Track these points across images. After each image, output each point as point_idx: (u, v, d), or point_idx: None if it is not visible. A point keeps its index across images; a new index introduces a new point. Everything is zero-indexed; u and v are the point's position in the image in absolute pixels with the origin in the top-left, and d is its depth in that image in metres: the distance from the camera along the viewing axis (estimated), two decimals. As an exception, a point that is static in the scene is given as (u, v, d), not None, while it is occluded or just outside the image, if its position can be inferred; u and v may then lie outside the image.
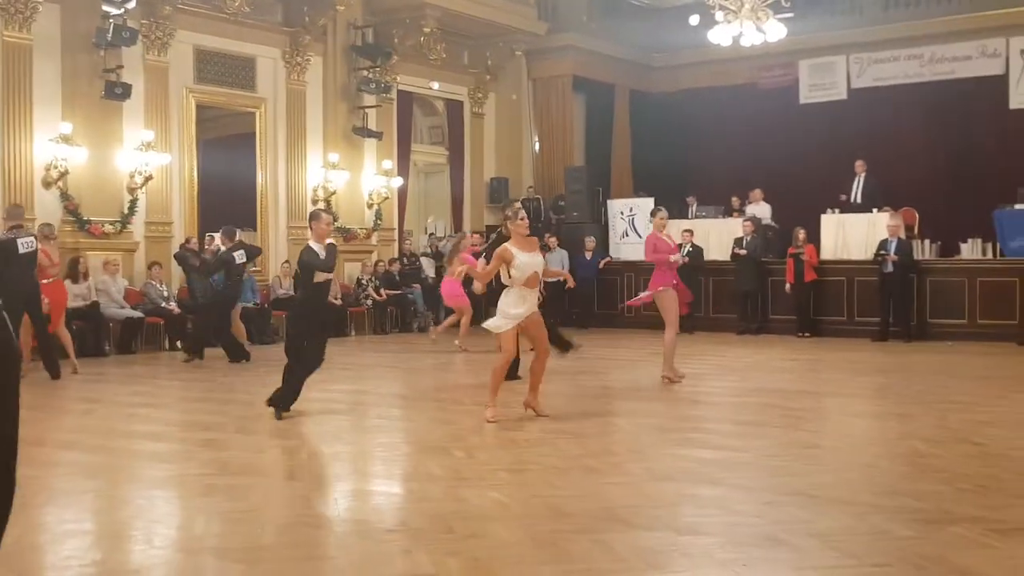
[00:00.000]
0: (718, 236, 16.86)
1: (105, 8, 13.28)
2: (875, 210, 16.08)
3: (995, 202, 15.55)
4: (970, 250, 15.63)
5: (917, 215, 16.87)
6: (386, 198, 17.68)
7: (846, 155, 17.36)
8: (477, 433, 7.15)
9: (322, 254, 7.92)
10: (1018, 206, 15.11)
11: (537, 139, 20.89)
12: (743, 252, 15.85)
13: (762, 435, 7.05)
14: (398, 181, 18.03)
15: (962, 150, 18.44)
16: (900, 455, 6.25)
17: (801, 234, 15.51)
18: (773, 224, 17.54)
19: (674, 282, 9.90)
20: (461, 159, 19.74)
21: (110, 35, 13.31)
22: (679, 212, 18.45)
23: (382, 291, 16.79)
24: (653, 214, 10.35)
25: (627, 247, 18.12)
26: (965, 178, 18.14)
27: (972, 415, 7.86)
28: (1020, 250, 14.40)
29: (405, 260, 18.09)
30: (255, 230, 16.01)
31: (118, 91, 13.54)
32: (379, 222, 17.60)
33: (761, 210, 17.51)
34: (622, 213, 18.40)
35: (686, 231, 16.38)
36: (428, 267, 18.15)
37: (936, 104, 18.56)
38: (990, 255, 15.38)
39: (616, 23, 21.24)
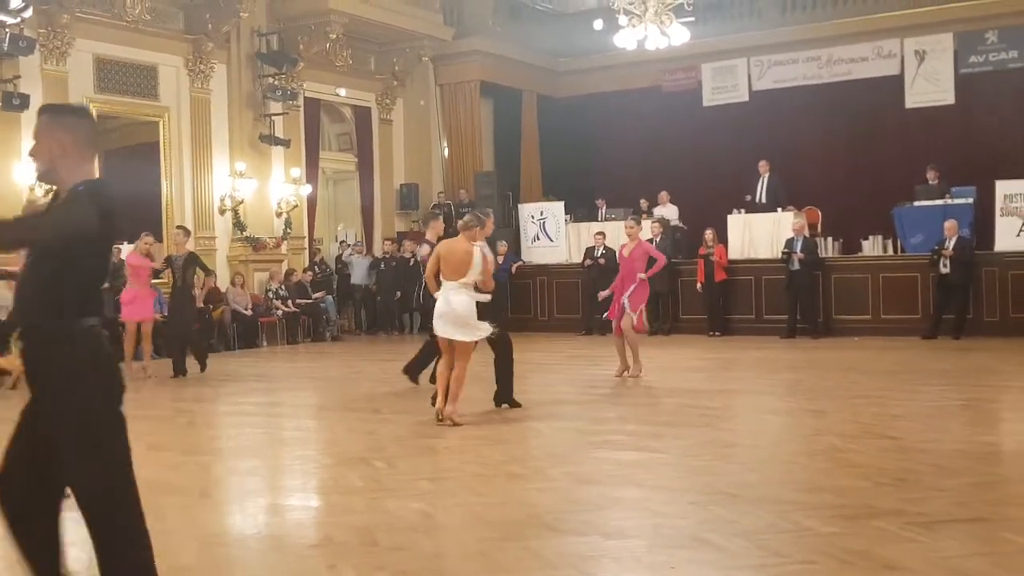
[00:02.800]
0: (624, 239, 16.97)
1: (0, 18, 12.75)
2: (779, 209, 16.42)
3: (894, 200, 16.02)
4: (871, 247, 16.04)
5: (820, 213, 17.27)
6: (295, 206, 17.39)
7: (750, 156, 17.71)
8: (396, 442, 7.05)
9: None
10: (916, 203, 15.60)
11: (446, 145, 20.81)
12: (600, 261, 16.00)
13: (681, 435, 7.11)
14: (307, 189, 17.76)
15: (861, 149, 18.96)
16: (818, 451, 6.35)
17: (710, 235, 15.75)
18: (681, 225, 17.78)
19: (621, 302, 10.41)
20: (370, 166, 19.55)
21: (6, 45, 12.84)
22: (590, 215, 18.59)
23: (291, 302, 16.49)
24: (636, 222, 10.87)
25: (539, 250, 18.17)
26: (865, 176, 18.66)
27: (884, 409, 8.06)
28: (920, 246, 14.87)
29: (316, 268, 17.83)
30: (161, 240, 15.55)
31: (15, 102, 13.04)
32: (288, 231, 17.30)
33: (669, 212, 17.74)
34: (533, 217, 18.43)
35: (598, 234, 16.50)
36: (360, 272, 17.97)
37: (835, 104, 19.05)
38: (891, 251, 15.83)
39: (522, 28, 21.31)
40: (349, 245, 18.80)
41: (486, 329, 7.72)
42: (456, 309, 7.62)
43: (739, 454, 6.41)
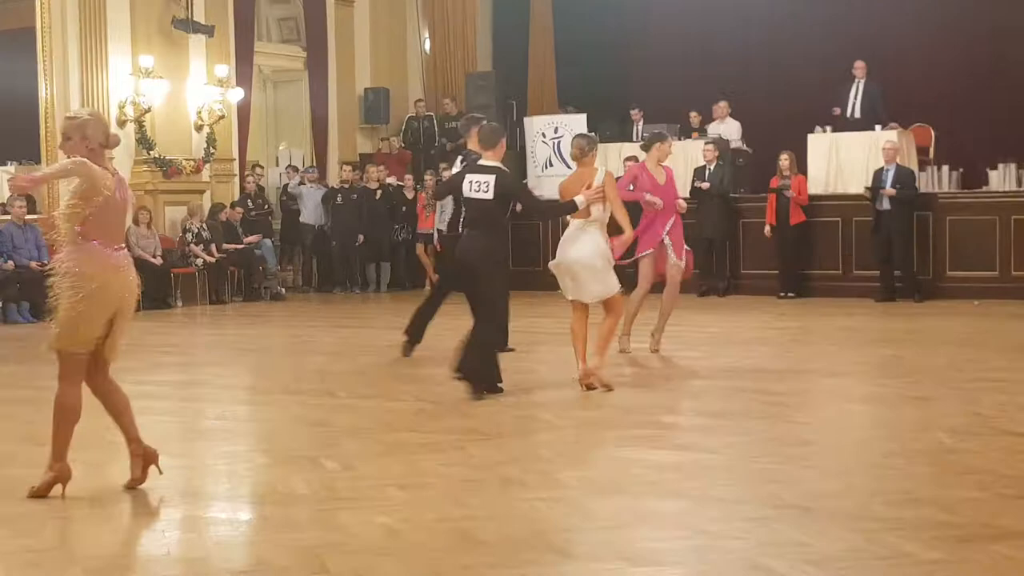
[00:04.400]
0: (673, 164, 16.89)
1: None
2: (879, 127, 16.36)
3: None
4: (1001, 179, 15.98)
5: (933, 133, 17.22)
6: (221, 117, 17.33)
7: (840, 53, 17.55)
8: (356, 436, 7.09)
9: None
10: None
11: (428, 36, 20.67)
12: (706, 186, 15.98)
13: (737, 430, 7.13)
14: (237, 94, 17.68)
15: (993, 45, 18.73)
16: (920, 452, 6.37)
17: (785, 161, 15.71)
18: (745, 148, 17.69)
19: (662, 240, 10.27)
20: (324, 63, 19.46)
21: None
22: (620, 132, 18.50)
23: (215, 247, 16.49)
24: (649, 143, 10.67)
25: (552, 181, 18.08)
26: (997, 82, 18.47)
27: (1011, 397, 8.07)
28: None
29: (250, 203, 17.81)
30: (37, 162, 15.53)
31: None
32: (212, 151, 17.25)
33: (728, 129, 17.67)
34: (544, 134, 18.36)
35: (630, 159, 16.43)
36: (311, 208, 17.89)
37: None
38: (1027, 186, 15.80)
39: None
40: (296, 171, 18.78)
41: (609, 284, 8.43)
42: (582, 259, 8.32)
43: (815, 455, 6.45)
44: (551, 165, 18.27)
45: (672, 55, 20.64)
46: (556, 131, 18.32)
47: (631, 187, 10.46)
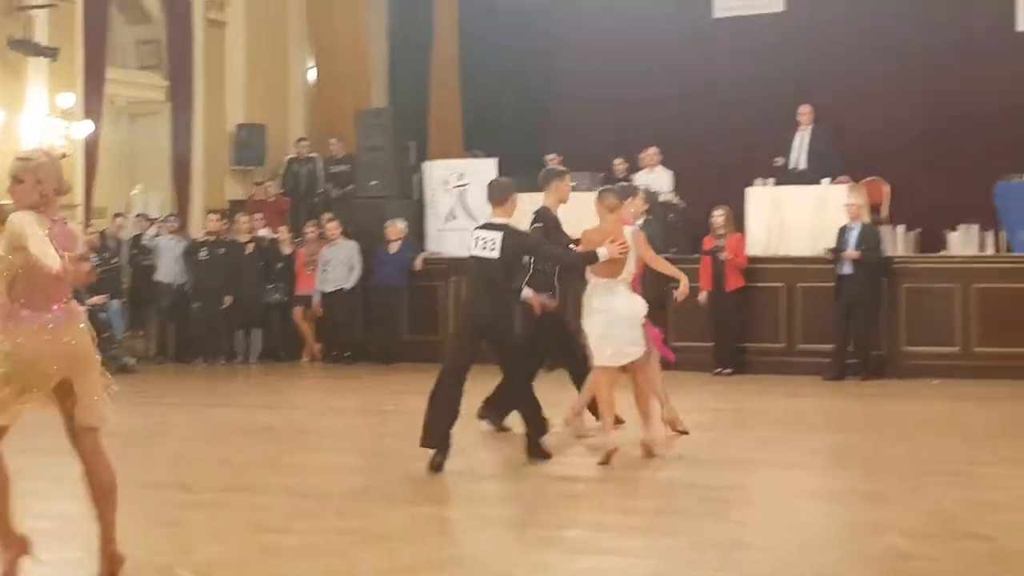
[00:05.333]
0: (595, 218, 16.98)
1: None
2: (826, 180, 16.58)
3: (998, 171, 16.29)
4: (962, 242, 16.25)
5: (887, 189, 17.49)
6: (65, 155, 17.05)
7: (784, 98, 17.87)
8: (218, 538, 6.90)
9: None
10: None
11: (313, 65, 20.62)
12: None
13: (668, 530, 7.11)
14: (85, 128, 17.47)
15: (950, 93, 19.17)
16: (874, 557, 6.39)
17: (720, 217, 15.85)
18: (676, 201, 17.84)
19: None
20: (189, 94, 19.34)
21: None
22: (534, 181, 18.51)
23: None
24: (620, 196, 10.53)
25: (455, 236, 18.08)
26: (955, 135, 18.91)
27: (976, 493, 8.15)
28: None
29: (97, 257, 17.48)
30: None
31: None
32: (54, 195, 16.96)
33: (658, 179, 17.81)
34: (447, 182, 18.37)
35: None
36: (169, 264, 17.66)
37: (912, 27, 19.28)
38: (991, 249, 16.06)
39: None
40: (152, 220, 18.52)
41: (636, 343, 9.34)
42: (622, 313, 9.23)
43: (755, 561, 6.44)
44: (454, 217, 18.25)
45: (594, 95, 20.83)
46: (461, 178, 18.32)
47: None
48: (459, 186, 18.29)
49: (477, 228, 9.38)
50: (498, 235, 9.09)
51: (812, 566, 6.38)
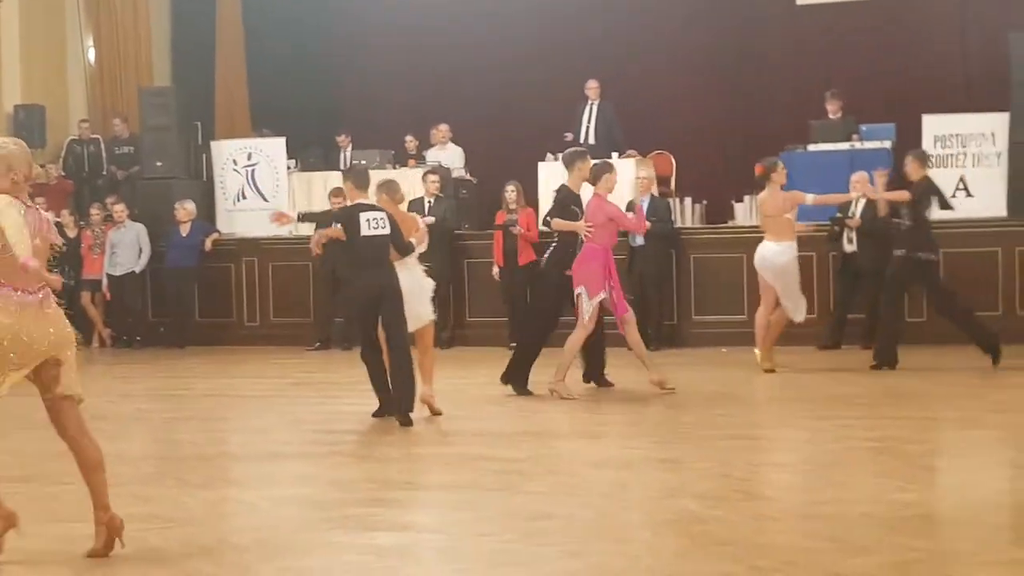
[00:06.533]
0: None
1: None
2: (615, 154, 16.87)
3: (781, 142, 16.71)
4: (747, 213, 16.71)
5: (674, 161, 17.86)
6: None
7: (572, 72, 18.12)
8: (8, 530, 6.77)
9: None
10: (811, 147, 16.41)
11: (92, 44, 20.16)
12: (429, 220, 16.10)
13: (465, 504, 7.19)
14: None
15: (734, 68, 19.65)
16: (668, 522, 6.57)
17: (512, 193, 16.01)
18: (468, 178, 17.97)
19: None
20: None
21: None
22: (328, 160, 18.50)
23: None
24: (599, 175, 11.70)
25: (245, 216, 17.93)
26: (739, 108, 19.39)
27: (763, 456, 8.53)
28: (816, 211, 15.64)
29: None
30: None
31: None
32: None
33: (450, 156, 17.89)
34: (235, 162, 18.17)
35: (337, 190, 16.42)
36: None
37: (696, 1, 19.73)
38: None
39: None
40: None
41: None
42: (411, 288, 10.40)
43: (554, 530, 6.52)
44: (244, 197, 18.07)
45: (383, 72, 20.79)
46: (250, 158, 18.15)
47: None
48: (248, 166, 18.12)
49: (361, 212, 10.02)
50: (382, 214, 10.07)
51: (609, 534, 6.48)
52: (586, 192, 11.88)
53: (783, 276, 12.80)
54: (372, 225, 9.97)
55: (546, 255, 12.40)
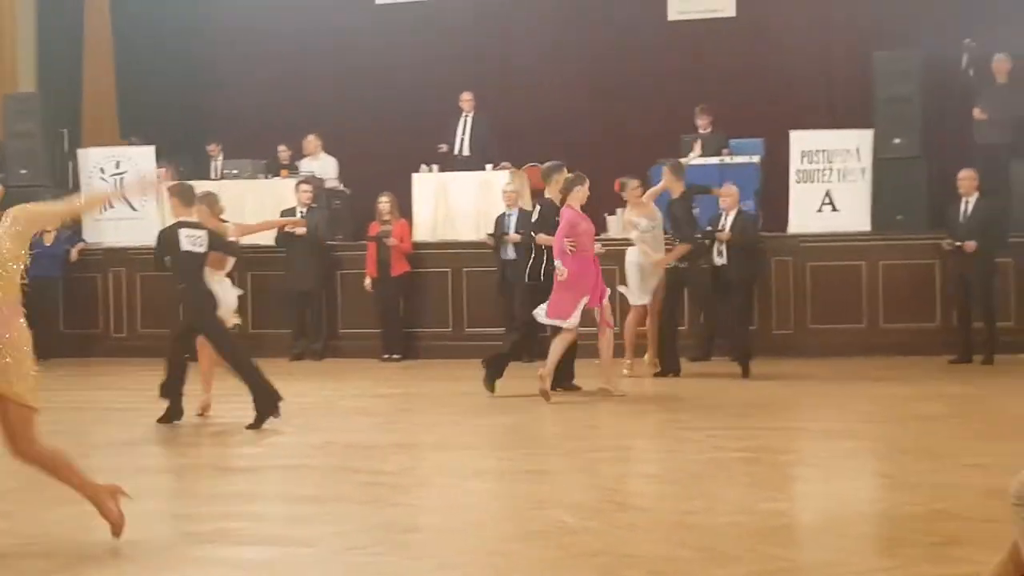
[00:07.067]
0: (259, 206, 16.91)
1: None
2: (489, 166, 16.95)
3: (653, 155, 16.92)
4: (620, 225, 16.83)
5: (547, 174, 17.96)
6: None
7: (447, 83, 18.16)
8: None
9: None
10: (682, 160, 16.58)
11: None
12: (300, 232, 16.02)
13: (336, 517, 7.16)
14: None
15: (606, 81, 19.79)
16: (540, 533, 6.60)
17: (386, 204, 15.97)
18: (342, 188, 17.91)
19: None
20: None
21: None
22: (196, 169, 18.30)
23: None
24: (573, 184, 12.36)
25: (113, 226, 17.66)
26: (612, 121, 19.55)
27: (632, 467, 8.64)
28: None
29: None
30: None
31: None
32: None
33: (323, 166, 17.83)
34: (103, 170, 17.89)
35: (207, 194, 16.24)
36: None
37: (570, 14, 19.81)
38: (651, 231, 16.70)
39: None
40: None
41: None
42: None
43: (425, 543, 6.56)
44: (111, 207, 17.79)
45: (255, 81, 20.65)
46: (118, 166, 17.90)
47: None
48: (116, 174, 17.84)
49: (180, 228, 10.55)
50: (204, 232, 10.59)
51: (481, 544, 6.51)
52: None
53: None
54: (191, 242, 10.52)
55: (528, 266, 12.92)
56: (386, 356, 15.93)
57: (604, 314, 12.14)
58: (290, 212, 16.12)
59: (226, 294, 11.18)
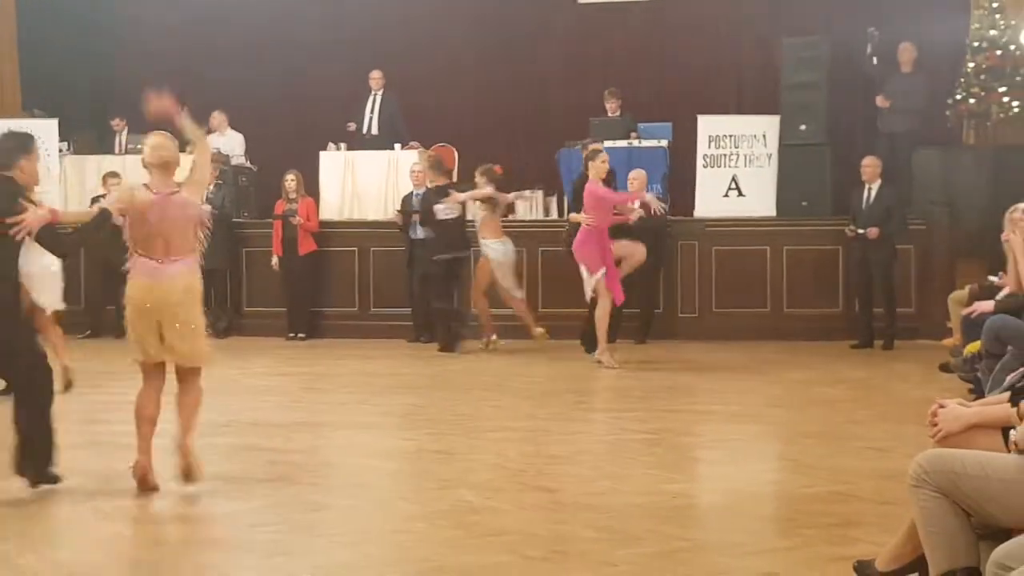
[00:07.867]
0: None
1: None
2: (398, 146, 16.92)
3: (560, 138, 17.02)
4: (528, 207, 16.90)
5: (456, 154, 17.95)
6: None
7: (354, 62, 18.11)
8: None
9: None
10: (594, 144, 16.65)
11: None
12: (205, 208, 15.85)
13: (238, 495, 7.19)
14: None
15: (514, 62, 19.70)
16: (444, 512, 6.68)
17: (292, 182, 15.87)
18: (248, 165, 17.78)
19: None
20: None
21: None
22: (102, 143, 18.10)
23: None
24: (591, 157, 12.99)
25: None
26: (520, 103, 19.56)
27: (538, 447, 8.66)
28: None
29: None
30: None
31: None
32: None
33: (229, 143, 17.71)
34: (4, 144, 17.62)
35: (111, 175, 16.07)
36: None
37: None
38: (555, 214, 16.78)
39: None
40: None
41: None
42: None
43: (327, 522, 6.58)
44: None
45: (160, 55, 20.32)
46: (21, 140, 17.60)
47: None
48: (20, 148, 17.56)
49: None
50: None
51: (384, 525, 6.59)
52: None
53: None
54: None
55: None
56: (292, 335, 15.86)
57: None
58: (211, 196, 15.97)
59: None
